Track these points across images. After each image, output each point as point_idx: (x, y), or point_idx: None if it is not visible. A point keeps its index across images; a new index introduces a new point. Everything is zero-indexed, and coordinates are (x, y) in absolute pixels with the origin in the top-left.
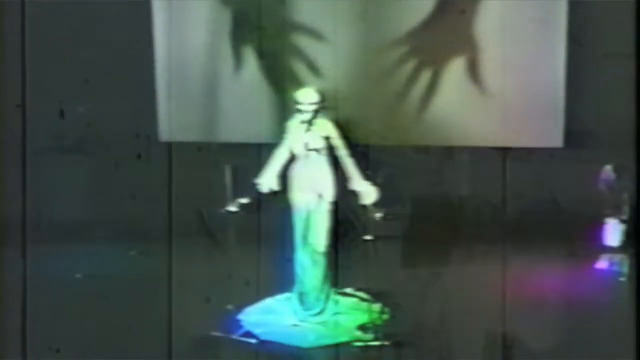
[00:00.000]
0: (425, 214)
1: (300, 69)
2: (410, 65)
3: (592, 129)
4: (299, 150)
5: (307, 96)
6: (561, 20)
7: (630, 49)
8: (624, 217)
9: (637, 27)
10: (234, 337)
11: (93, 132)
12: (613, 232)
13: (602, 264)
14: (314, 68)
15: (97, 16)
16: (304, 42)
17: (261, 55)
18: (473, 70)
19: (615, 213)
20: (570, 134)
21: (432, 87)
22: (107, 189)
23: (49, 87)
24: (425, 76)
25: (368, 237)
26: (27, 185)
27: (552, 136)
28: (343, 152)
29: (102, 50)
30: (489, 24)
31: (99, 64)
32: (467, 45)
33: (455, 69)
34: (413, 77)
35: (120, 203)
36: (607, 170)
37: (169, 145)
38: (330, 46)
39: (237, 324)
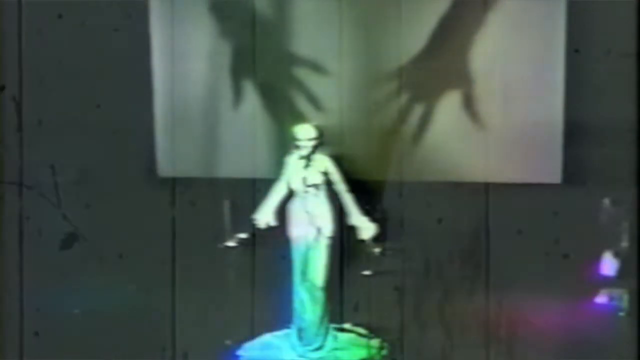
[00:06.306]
0: (424, 249)
1: (302, 103)
2: (405, 99)
3: (591, 164)
4: (297, 185)
5: (305, 132)
6: (559, 55)
7: (633, 93)
8: (622, 250)
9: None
10: None
11: (92, 167)
12: (611, 266)
13: (602, 298)
14: (315, 102)
15: (96, 48)
16: (305, 76)
17: (262, 90)
18: (469, 104)
19: (613, 246)
20: (568, 169)
21: (428, 120)
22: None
23: (44, 118)
24: (420, 110)
25: (367, 273)
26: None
27: (551, 172)
28: (342, 187)
29: (100, 82)
30: (486, 58)
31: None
32: (463, 79)
33: (452, 103)
34: (409, 111)
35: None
36: (607, 204)
37: (172, 181)
38: (332, 80)
39: None
